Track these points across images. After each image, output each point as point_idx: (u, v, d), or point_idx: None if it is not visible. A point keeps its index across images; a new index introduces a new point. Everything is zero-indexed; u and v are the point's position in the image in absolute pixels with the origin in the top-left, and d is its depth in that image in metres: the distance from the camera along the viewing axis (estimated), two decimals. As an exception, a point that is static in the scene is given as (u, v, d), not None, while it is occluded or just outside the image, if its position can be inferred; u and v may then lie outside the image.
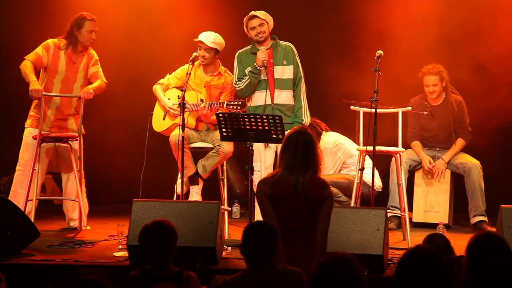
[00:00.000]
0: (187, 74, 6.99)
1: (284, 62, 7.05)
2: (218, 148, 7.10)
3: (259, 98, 7.05)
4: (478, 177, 7.55)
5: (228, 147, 7.06)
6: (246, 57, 7.08)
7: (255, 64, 6.97)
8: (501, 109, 7.86)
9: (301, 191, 4.92)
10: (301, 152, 4.96)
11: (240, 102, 6.90)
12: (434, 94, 7.62)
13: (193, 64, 7.07)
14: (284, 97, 7.02)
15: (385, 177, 7.60)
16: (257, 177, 6.82)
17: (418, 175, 7.79)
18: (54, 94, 7.23)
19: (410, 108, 7.35)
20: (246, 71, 7.02)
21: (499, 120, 7.89)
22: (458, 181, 7.80)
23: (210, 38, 7.20)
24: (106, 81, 7.42)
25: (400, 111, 7.07)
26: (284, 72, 7.05)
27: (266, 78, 7.01)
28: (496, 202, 6.75)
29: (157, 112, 7.41)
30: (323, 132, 7.88)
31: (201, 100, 7.21)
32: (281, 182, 4.95)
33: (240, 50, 7.15)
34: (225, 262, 6.06)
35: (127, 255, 6.04)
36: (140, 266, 4.40)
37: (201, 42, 7.22)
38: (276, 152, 6.97)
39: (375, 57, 6.75)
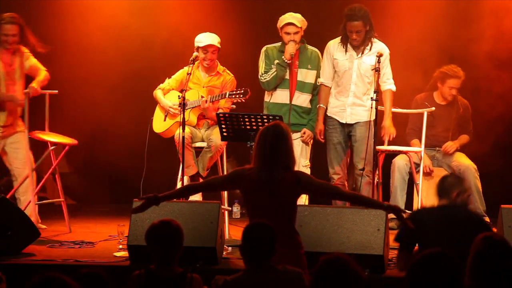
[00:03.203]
0: (188, 74, 6.99)
1: (309, 66, 7.13)
2: (209, 143, 7.11)
3: (280, 96, 7.12)
4: (473, 178, 7.52)
5: (218, 141, 7.04)
6: (274, 53, 7.13)
7: (283, 57, 7.03)
8: (502, 107, 7.85)
9: (273, 186, 4.81)
10: (270, 146, 4.82)
11: (242, 91, 6.89)
12: (454, 97, 7.61)
13: (193, 64, 7.06)
14: (302, 99, 7.12)
15: (386, 178, 7.57)
16: None
17: (418, 178, 7.74)
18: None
19: (433, 108, 7.28)
20: (274, 63, 7.07)
21: (499, 119, 7.88)
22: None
23: (216, 38, 7.21)
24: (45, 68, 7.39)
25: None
26: (307, 76, 7.13)
27: (288, 78, 7.11)
28: (497, 202, 6.74)
29: (158, 114, 7.40)
30: None
31: (202, 96, 7.21)
32: (254, 177, 4.86)
33: (268, 46, 7.20)
34: (225, 262, 6.07)
35: (127, 255, 6.04)
36: (144, 265, 4.40)
37: (209, 46, 7.18)
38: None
39: (376, 57, 6.76)
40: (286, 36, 7.05)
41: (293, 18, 7.06)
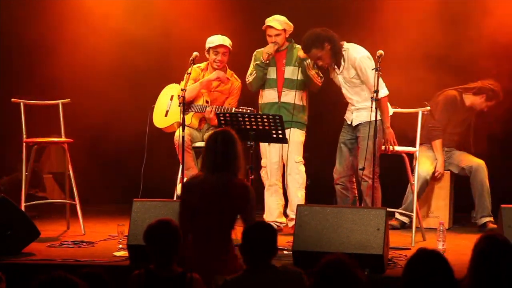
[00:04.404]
0: (187, 74, 6.97)
1: (297, 64, 7.20)
2: None
3: (269, 95, 7.25)
4: (484, 177, 7.54)
5: None
6: (261, 55, 7.23)
7: (261, 57, 7.17)
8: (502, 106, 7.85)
9: (222, 192, 4.92)
10: (220, 152, 4.95)
11: (248, 111, 6.90)
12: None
13: (193, 63, 7.05)
14: (291, 96, 7.18)
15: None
16: (263, 173, 7.24)
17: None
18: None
19: (429, 108, 7.22)
20: (254, 64, 7.22)
21: (500, 118, 7.87)
22: (458, 181, 7.79)
23: (228, 40, 7.23)
24: None
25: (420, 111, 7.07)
26: (294, 73, 7.20)
27: (275, 77, 7.21)
28: (497, 201, 6.74)
29: (159, 108, 7.39)
30: None
31: (206, 102, 7.22)
32: (203, 182, 4.96)
33: (259, 50, 7.32)
34: (225, 262, 6.05)
35: (127, 255, 6.04)
36: (143, 265, 4.40)
37: (220, 46, 7.19)
38: (281, 148, 7.18)
39: (376, 57, 6.75)
40: (268, 38, 7.20)
41: (273, 21, 7.17)
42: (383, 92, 6.83)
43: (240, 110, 6.95)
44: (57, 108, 7.35)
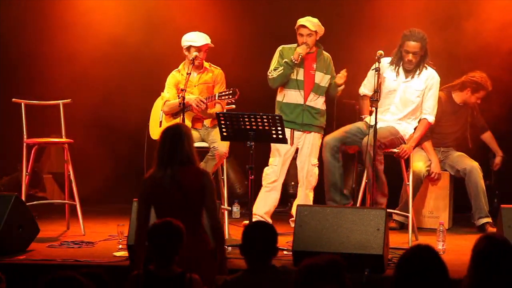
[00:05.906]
0: (188, 74, 6.97)
1: (324, 71, 7.31)
2: (213, 151, 7.07)
3: (293, 96, 7.28)
4: (479, 178, 7.53)
5: (222, 148, 7.03)
6: (288, 53, 7.25)
7: (292, 57, 7.16)
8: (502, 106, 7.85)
9: (172, 185, 4.94)
10: (168, 147, 5.01)
11: (231, 91, 6.93)
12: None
13: (193, 63, 7.05)
14: (316, 101, 7.29)
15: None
16: (270, 171, 7.27)
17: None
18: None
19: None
20: (282, 61, 7.22)
21: (500, 117, 7.88)
22: (458, 181, 7.79)
23: (208, 38, 7.21)
24: None
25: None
26: (323, 80, 7.30)
27: (302, 79, 7.25)
28: (497, 202, 6.75)
29: (154, 120, 7.36)
30: None
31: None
32: (154, 179, 5.00)
33: (285, 46, 7.34)
34: (225, 262, 6.05)
35: (127, 255, 6.04)
36: (143, 265, 4.40)
37: (204, 45, 7.17)
38: (296, 149, 7.33)
39: (375, 57, 6.76)
40: (300, 37, 7.22)
41: (306, 21, 7.20)
42: (431, 118, 7.03)
43: (223, 93, 6.96)
44: (57, 108, 7.35)
